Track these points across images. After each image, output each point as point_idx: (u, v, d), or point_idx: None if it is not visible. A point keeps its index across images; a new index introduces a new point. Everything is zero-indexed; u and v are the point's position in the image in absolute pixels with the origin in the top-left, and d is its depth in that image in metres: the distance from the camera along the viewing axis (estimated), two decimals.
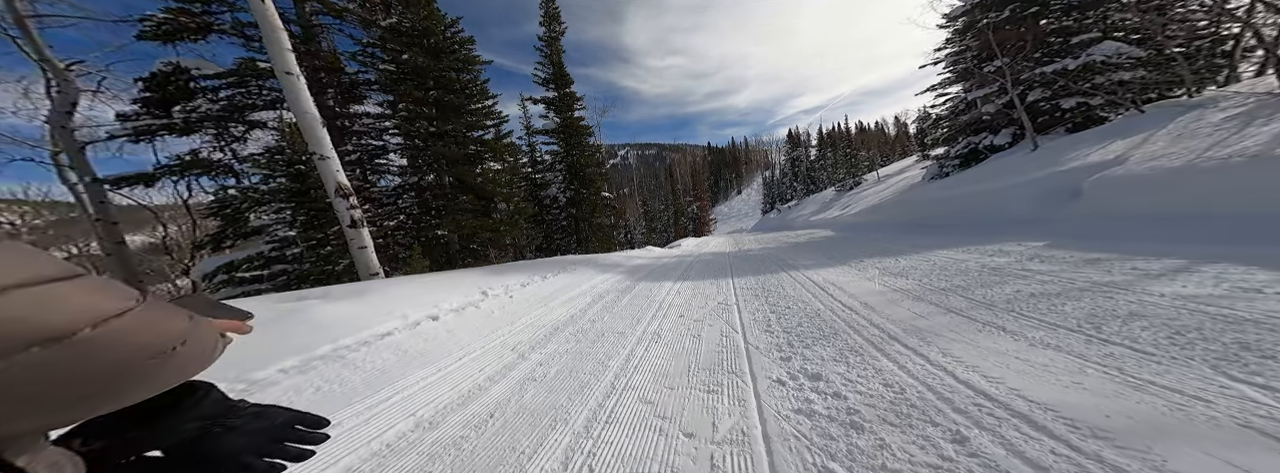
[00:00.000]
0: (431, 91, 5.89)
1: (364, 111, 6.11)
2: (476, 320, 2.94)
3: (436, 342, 2.49)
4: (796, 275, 4.16)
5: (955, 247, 4.48)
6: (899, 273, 3.56)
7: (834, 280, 3.67)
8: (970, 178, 8.07)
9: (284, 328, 2.28)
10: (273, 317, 2.42)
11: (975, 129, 10.13)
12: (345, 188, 3.59)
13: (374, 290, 3.09)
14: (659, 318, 2.94)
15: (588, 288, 4.11)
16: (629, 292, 3.99)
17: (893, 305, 2.58)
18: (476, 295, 3.33)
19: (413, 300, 2.96)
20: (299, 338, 2.19)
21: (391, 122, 5.55)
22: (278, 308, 2.59)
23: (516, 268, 4.79)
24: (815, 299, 3.05)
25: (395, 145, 6.25)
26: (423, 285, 3.41)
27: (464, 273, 4.14)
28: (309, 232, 4.13)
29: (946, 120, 11.82)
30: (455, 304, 3.08)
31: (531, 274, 4.42)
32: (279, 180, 3.98)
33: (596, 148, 15.84)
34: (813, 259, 5.27)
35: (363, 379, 1.98)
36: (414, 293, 3.16)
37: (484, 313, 3.10)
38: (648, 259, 7.15)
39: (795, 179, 42.20)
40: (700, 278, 4.67)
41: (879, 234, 7.81)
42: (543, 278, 4.25)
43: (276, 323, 2.36)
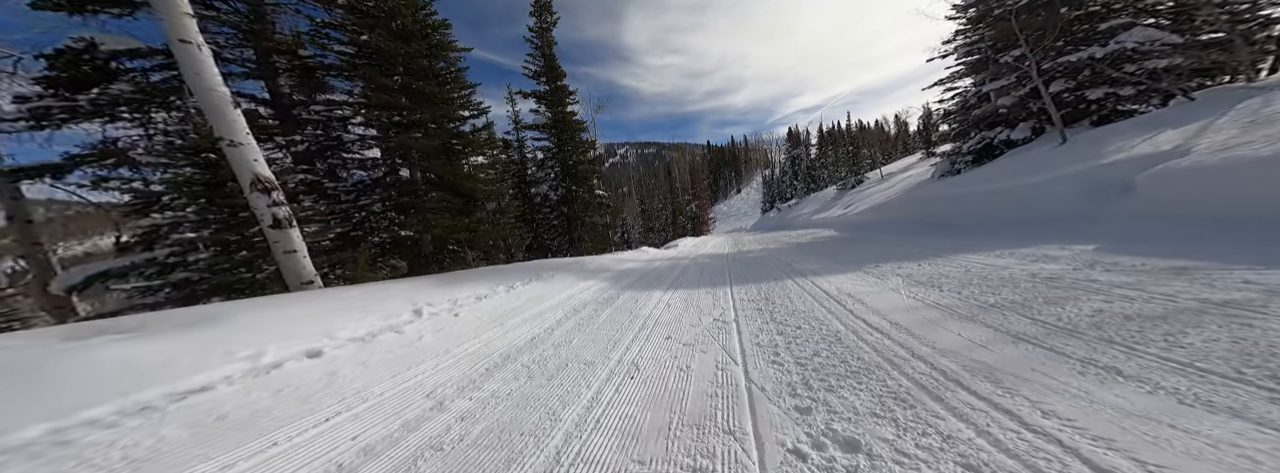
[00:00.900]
0: (397, 77, 5.32)
1: (326, 99, 5.53)
2: (389, 353, 2.16)
3: (296, 393, 1.64)
4: (804, 283, 3.61)
5: (984, 250, 3.95)
6: (928, 282, 3.01)
7: (850, 290, 3.12)
8: (987, 174, 7.54)
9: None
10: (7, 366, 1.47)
11: (989, 123, 9.61)
12: (265, 181, 3.01)
13: (236, 314, 2.29)
14: (641, 340, 2.38)
15: (562, 300, 3.54)
16: (610, 304, 3.42)
17: (935, 328, 2.03)
18: (404, 316, 2.62)
19: (294, 328, 2.17)
20: (7, 407, 1.25)
21: (348, 109, 4.98)
22: (31, 352, 1.61)
23: (481, 276, 4.20)
24: (832, 316, 2.50)
25: (360, 137, 5.66)
26: (332, 303, 2.65)
27: (404, 284, 3.51)
28: (222, 233, 3.54)
29: (956, 115, 11.30)
30: (363, 330, 2.29)
31: (496, 283, 3.82)
32: (183, 171, 3.38)
33: (590, 144, 15.26)
34: (820, 263, 4.72)
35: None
36: (307, 315, 2.40)
37: (407, 341, 2.33)
38: (639, 263, 6.59)
39: (795, 178, 41.76)
40: (695, 286, 4.11)
41: (889, 235, 7.28)
42: (508, 288, 3.65)
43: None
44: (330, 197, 5.13)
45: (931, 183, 11.17)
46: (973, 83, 11.26)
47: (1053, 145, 6.68)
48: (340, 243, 4.94)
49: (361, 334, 2.25)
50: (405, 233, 5.21)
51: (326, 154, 5.31)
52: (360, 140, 5.24)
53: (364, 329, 2.30)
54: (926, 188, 10.56)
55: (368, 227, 5.32)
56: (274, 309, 2.49)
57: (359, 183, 5.32)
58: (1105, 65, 6.97)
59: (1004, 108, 8.97)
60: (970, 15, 10.39)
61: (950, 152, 11.66)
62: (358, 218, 5.12)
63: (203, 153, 3.31)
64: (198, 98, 2.82)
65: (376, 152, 6.25)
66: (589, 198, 14.04)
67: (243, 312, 2.39)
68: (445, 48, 6.66)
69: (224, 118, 2.85)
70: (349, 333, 2.23)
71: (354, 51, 5.28)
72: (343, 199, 5.08)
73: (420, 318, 2.65)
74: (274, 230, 3.04)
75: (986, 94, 9.97)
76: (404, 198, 5.48)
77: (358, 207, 5.07)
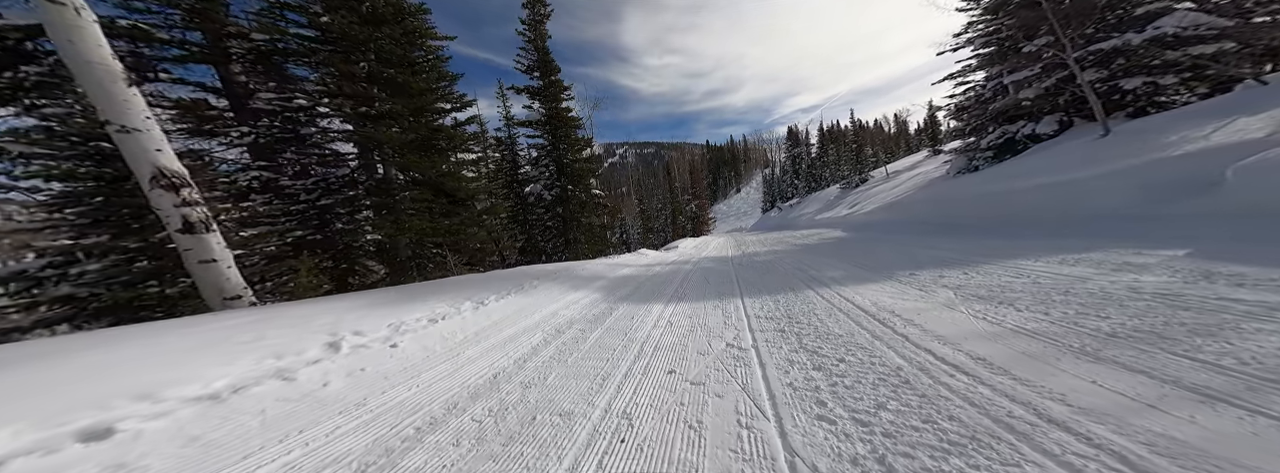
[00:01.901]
0: (364, 64, 4.74)
1: (284, 87, 4.94)
2: (259, 413, 1.47)
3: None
4: (830, 296, 3.05)
5: (1038, 254, 3.38)
6: (992, 297, 2.45)
7: (891, 306, 2.56)
8: (1016, 170, 7.00)
9: None
10: None
11: (1010, 117, 9.08)
12: (172, 175, 2.41)
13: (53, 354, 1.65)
14: (636, 376, 1.82)
15: (543, 318, 2.95)
16: (601, 322, 2.84)
17: (1046, 369, 1.47)
18: (310, 352, 1.91)
19: (110, 379, 1.46)
20: None
21: (307, 98, 4.40)
22: None
23: (449, 288, 3.59)
24: (882, 344, 1.94)
25: (320, 130, 5.07)
26: (217, 333, 1.99)
27: (343, 302, 2.88)
28: (120, 239, 2.93)
29: (971, 110, 10.76)
30: (228, 379, 1.56)
31: (463, 298, 3.16)
32: (64, 163, 2.77)
33: (587, 141, 14.70)
34: (841, 269, 4.15)
35: None
36: (157, 354, 1.69)
37: (298, 391, 1.63)
38: (636, 268, 6.02)
39: (796, 177, 41.26)
40: (700, 297, 3.54)
41: (907, 235, 6.72)
42: (477, 305, 3.01)
43: None
44: (288, 196, 4.55)
45: (948, 181, 10.62)
46: (987, 76, 10.74)
47: (1092, 138, 6.13)
48: (292, 249, 4.36)
49: (219, 387, 1.50)
50: (373, 236, 4.64)
51: (286, 148, 4.73)
52: (321, 132, 4.66)
53: (230, 377, 1.57)
54: (944, 186, 10.01)
55: (332, 230, 4.73)
56: (119, 345, 1.78)
57: (322, 181, 4.74)
58: (1144, 52, 6.43)
59: (1027, 100, 8.43)
60: (986, 4, 9.87)
61: (966, 147, 11.11)
62: (319, 221, 4.54)
63: (93, 141, 2.72)
64: (75, 73, 2.22)
65: (351, 147, 5.68)
66: (585, 197, 13.47)
67: (70, 350, 1.71)
68: (421, 34, 6.09)
69: (112, 98, 2.26)
70: (198, 387, 1.47)
71: (314, 35, 4.71)
72: (302, 199, 4.50)
73: (336, 354, 1.97)
74: (185, 236, 2.44)
75: (1005, 86, 9.45)
76: (373, 197, 4.90)
77: (319, 207, 4.49)
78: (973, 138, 10.92)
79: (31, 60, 3.72)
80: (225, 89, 4.84)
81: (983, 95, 10.67)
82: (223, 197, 4.18)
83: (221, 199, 4.14)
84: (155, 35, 4.07)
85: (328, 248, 4.58)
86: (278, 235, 4.39)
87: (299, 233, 4.44)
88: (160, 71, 4.32)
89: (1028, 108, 8.62)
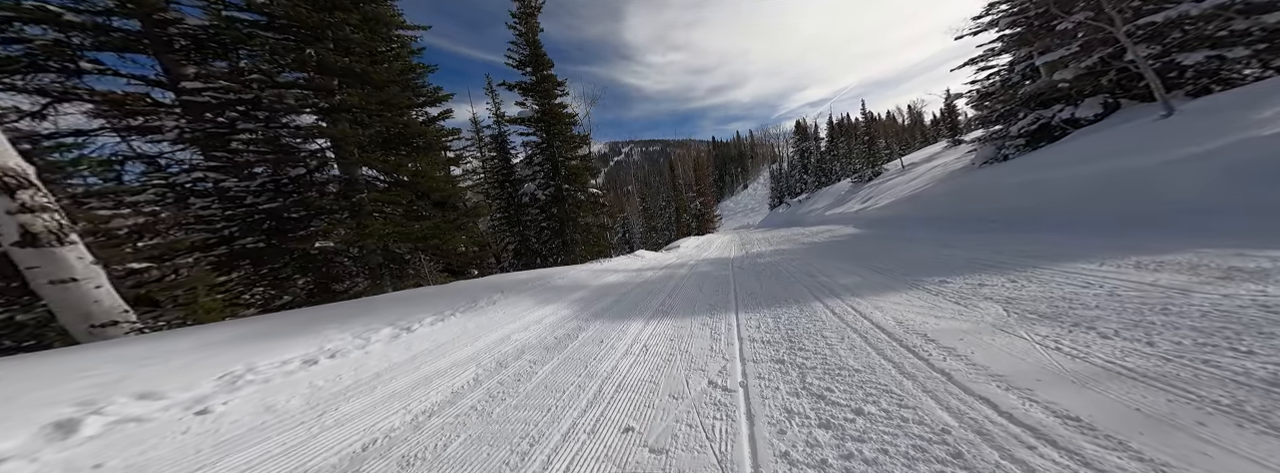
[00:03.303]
0: (310, 52, 4.34)
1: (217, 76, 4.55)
2: None
3: None
4: (841, 309, 2.54)
5: (1100, 256, 2.80)
6: (1060, 315, 1.91)
7: (919, 325, 2.05)
8: (1057, 158, 6.30)
9: None
10: None
11: (1044, 101, 8.30)
12: (4, 173, 1.98)
13: None
14: (576, 443, 1.36)
15: (487, 346, 2.41)
16: (562, 348, 2.36)
17: (1197, 446, 0.97)
18: (14, 440, 1.23)
19: None
20: None
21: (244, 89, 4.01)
22: None
23: (383, 306, 3.11)
24: (914, 385, 1.44)
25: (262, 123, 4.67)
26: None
27: (224, 330, 2.40)
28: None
29: (998, 95, 9.97)
30: None
31: (390, 322, 2.63)
32: None
33: (583, 138, 14.27)
34: (855, 274, 3.60)
35: None
36: None
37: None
38: (625, 274, 5.53)
39: (805, 172, 40.27)
40: (688, 312, 3.04)
41: (930, 233, 6.11)
42: (397, 333, 2.49)
43: None
44: (232, 199, 4.18)
45: (974, 171, 9.86)
46: (1013, 59, 9.94)
47: (1150, 119, 5.42)
48: (229, 260, 3.98)
49: None
50: (322, 244, 4.25)
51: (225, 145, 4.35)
52: (265, 127, 4.28)
53: None
54: (970, 177, 9.27)
55: (287, 237, 4.34)
56: None
57: (272, 181, 4.36)
58: (1205, 23, 5.68)
59: (1064, 82, 7.67)
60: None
61: (992, 136, 10.31)
62: (269, 227, 4.16)
63: None
64: None
65: (315, 143, 5.30)
66: (582, 197, 13.03)
67: None
68: (385, 22, 5.68)
69: None
70: None
71: (256, 20, 4.33)
72: (248, 201, 4.13)
73: (65, 439, 1.26)
74: (25, 249, 2.00)
75: (1036, 69, 8.67)
76: (328, 199, 4.51)
77: (263, 211, 4.09)
78: (999, 126, 10.13)
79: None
80: (170, 82, 4.49)
81: (1009, 79, 9.87)
82: (156, 200, 3.84)
83: (154, 203, 3.80)
84: (74, 20, 3.72)
85: (275, 258, 4.21)
86: (207, 245, 4.02)
87: (246, 242, 4.07)
88: (88, 61, 3.97)
89: (1065, 90, 7.84)
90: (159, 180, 4.15)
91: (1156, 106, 5.93)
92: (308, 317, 2.87)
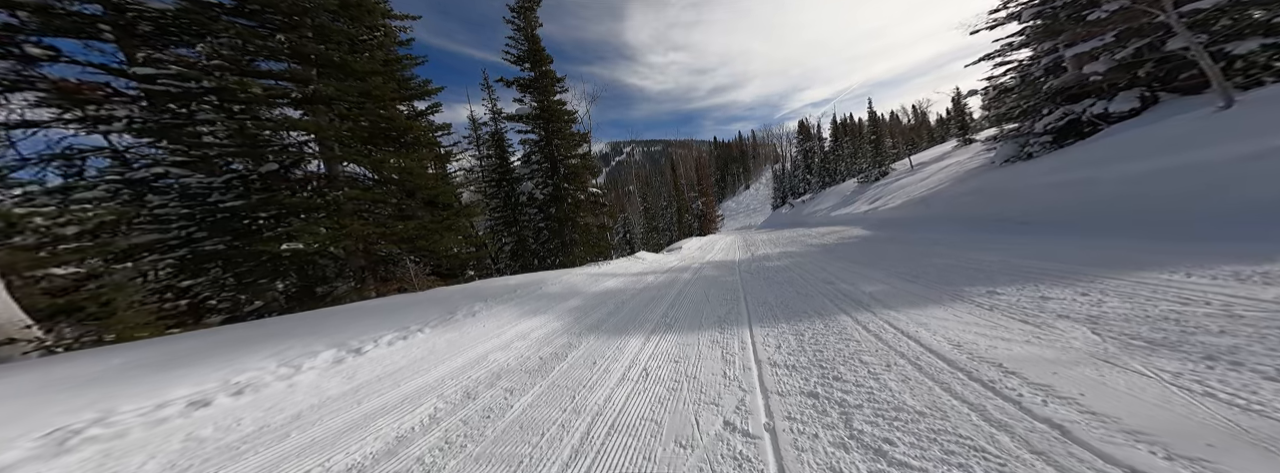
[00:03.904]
0: (280, 37, 3.99)
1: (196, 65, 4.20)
2: None
3: None
4: (874, 325, 2.16)
5: (1183, 265, 2.40)
6: (1179, 343, 1.51)
7: (987, 350, 1.65)
8: (1090, 156, 5.86)
9: None
10: None
11: (1072, 96, 7.85)
12: None
13: None
14: None
15: (456, 369, 2.01)
16: (543, 374, 1.98)
17: None
18: None
19: None
20: None
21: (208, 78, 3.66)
22: None
23: (340, 319, 2.69)
24: (1015, 440, 1.06)
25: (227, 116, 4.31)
26: None
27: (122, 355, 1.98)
28: None
29: (1019, 91, 9.52)
30: None
31: (337, 342, 2.19)
32: None
33: (583, 136, 13.93)
34: (880, 282, 3.20)
35: None
36: None
37: None
38: (624, 279, 5.16)
39: (809, 172, 39.86)
40: (695, 325, 2.66)
41: (954, 235, 5.69)
42: (341, 358, 2.03)
43: None
44: (193, 196, 3.83)
45: (996, 170, 9.41)
46: (1035, 52, 9.50)
47: (1205, 113, 4.98)
48: (191, 263, 3.63)
49: None
50: (289, 246, 3.90)
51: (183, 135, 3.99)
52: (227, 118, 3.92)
53: None
54: (993, 176, 8.82)
55: (244, 235, 3.99)
56: None
57: (239, 178, 4.01)
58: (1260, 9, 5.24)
59: (1097, 74, 7.22)
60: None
61: (1014, 133, 9.86)
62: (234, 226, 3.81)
63: None
64: None
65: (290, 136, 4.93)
66: (582, 196, 12.68)
67: None
68: (369, 9, 5.33)
69: None
70: None
71: (220, 3, 3.97)
72: (212, 199, 3.78)
73: None
74: None
75: (1062, 62, 8.23)
76: (301, 195, 4.15)
77: (227, 209, 3.74)
78: (1016, 123, 9.68)
79: None
80: (130, 70, 4.15)
81: (1031, 74, 9.43)
82: (108, 197, 3.49)
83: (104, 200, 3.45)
84: (23, 0, 3.38)
85: (240, 261, 3.86)
86: (167, 246, 3.67)
87: (207, 244, 3.71)
88: (39, 46, 3.63)
89: (1097, 83, 7.39)
90: (113, 175, 3.81)
91: (1205, 99, 5.49)
92: (239, 335, 2.46)
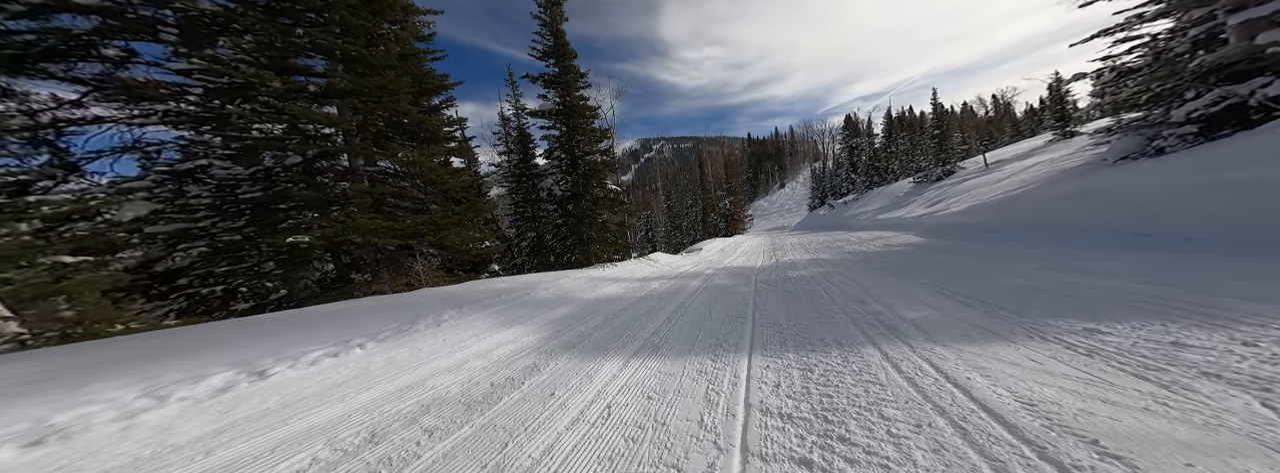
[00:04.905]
0: (300, 31, 4.12)
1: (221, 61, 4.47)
2: None
3: None
4: (909, 364, 1.56)
5: None
6: None
7: (1074, 418, 1.03)
8: (1250, 153, 4.40)
9: None
10: None
11: (1234, 74, 6.13)
12: None
13: None
14: None
15: (382, 396, 1.75)
16: (486, 407, 1.65)
17: None
18: None
19: None
20: None
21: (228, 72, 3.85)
22: None
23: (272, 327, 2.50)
24: None
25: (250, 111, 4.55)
26: None
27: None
28: None
29: (1151, 71, 7.68)
30: None
31: (248, 357, 1.99)
32: None
33: (604, 132, 13.83)
34: (927, 305, 2.46)
35: None
36: None
37: None
38: (627, 283, 4.84)
39: (854, 170, 36.97)
40: (683, 348, 2.27)
41: (1028, 245, 4.69)
42: (256, 374, 1.82)
43: None
44: (226, 187, 4.12)
45: (1105, 169, 7.71)
46: (1176, 23, 7.64)
47: None
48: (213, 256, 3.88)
49: None
50: (293, 239, 4.05)
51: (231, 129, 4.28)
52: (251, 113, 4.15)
53: None
54: (1101, 176, 7.23)
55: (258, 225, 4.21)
56: None
57: (265, 171, 4.26)
58: None
59: (1276, 45, 5.56)
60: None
61: (1138, 123, 7.99)
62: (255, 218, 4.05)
63: None
64: None
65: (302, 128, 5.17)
66: (601, 193, 12.60)
67: None
68: (390, 4, 5.43)
69: None
70: None
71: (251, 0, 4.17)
72: (242, 191, 4.04)
73: None
74: None
75: (1219, 32, 6.53)
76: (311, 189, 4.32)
77: (247, 200, 3.98)
78: (1140, 112, 7.82)
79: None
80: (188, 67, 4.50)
81: (1167, 50, 7.58)
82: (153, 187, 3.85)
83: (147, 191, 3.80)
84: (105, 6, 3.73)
85: (258, 251, 4.10)
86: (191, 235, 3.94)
87: (229, 235, 3.98)
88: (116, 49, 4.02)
89: (1275, 57, 5.66)
90: (163, 167, 4.21)
91: None
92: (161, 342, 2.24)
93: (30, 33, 3.72)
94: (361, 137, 4.99)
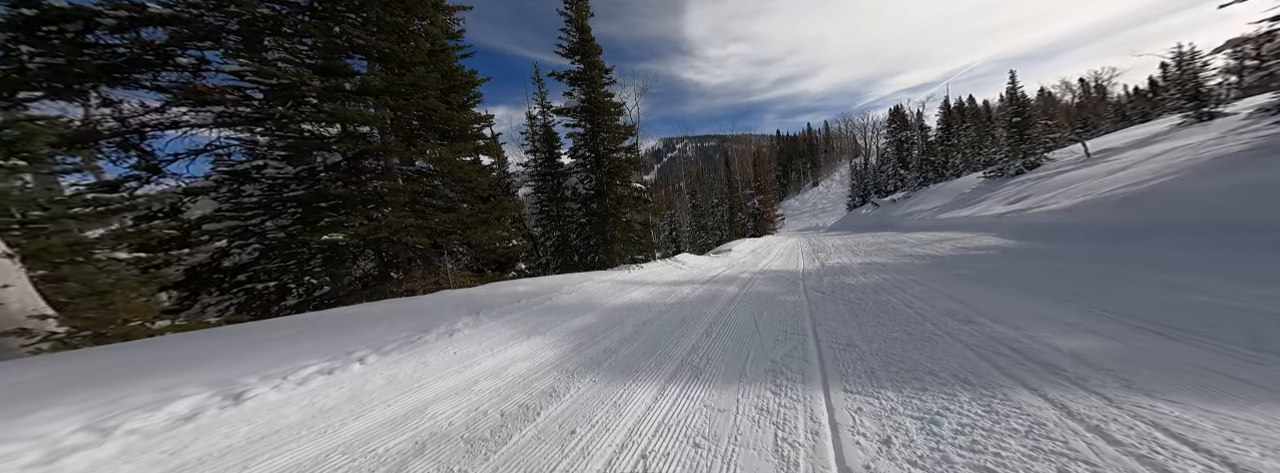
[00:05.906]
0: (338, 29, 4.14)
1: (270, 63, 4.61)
2: None
3: None
4: (1102, 411, 0.96)
5: None
6: None
7: None
8: None
9: None
10: None
11: None
12: None
13: None
14: None
15: (374, 426, 1.47)
16: (494, 446, 1.33)
17: None
18: None
19: None
20: None
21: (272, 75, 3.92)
22: None
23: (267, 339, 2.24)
24: None
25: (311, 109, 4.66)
26: None
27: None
28: None
29: None
30: None
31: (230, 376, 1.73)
32: None
33: (629, 130, 13.54)
34: (1085, 329, 1.74)
35: None
36: None
37: None
38: (655, 288, 4.42)
39: (903, 166, 33.94)
40: (732, 374, 1.80)
41: (1186, 250, 3.60)
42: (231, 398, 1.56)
43: None
44: (276, 186, 4.27)
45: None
46: None
47: None
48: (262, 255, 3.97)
49: None
50: (328, 238, 4.06)
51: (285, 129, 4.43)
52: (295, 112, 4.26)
53: None
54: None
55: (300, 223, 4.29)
56: None
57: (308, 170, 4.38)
58: None
59: None
60: None
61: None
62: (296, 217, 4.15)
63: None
64: None
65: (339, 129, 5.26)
66: (624, 191, 12.32)
67: None
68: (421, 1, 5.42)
69: None
70: None
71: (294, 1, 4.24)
72: (289, 190, 4.18)
73: None
74: None
75: None
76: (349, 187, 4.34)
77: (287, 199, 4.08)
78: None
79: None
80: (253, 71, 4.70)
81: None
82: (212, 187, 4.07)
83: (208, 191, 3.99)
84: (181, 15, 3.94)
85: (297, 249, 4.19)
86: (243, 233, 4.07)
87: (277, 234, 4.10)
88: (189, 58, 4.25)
89: None
90: (224, 169, 4.45)
91: None
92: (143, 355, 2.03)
93: (121, 46, 4.00)
94: (396, 134, 4.99)
